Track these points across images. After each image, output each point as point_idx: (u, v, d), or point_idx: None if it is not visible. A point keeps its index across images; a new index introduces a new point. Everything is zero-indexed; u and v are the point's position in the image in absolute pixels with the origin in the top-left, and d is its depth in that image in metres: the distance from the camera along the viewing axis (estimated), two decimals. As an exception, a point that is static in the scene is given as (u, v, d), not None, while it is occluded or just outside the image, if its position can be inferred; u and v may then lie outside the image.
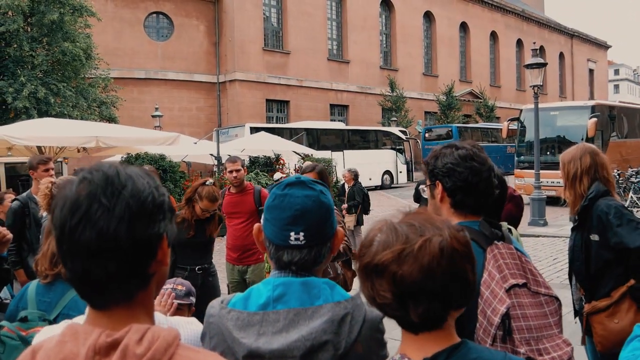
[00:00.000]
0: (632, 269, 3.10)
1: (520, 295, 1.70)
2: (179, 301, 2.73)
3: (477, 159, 1.87)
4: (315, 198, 1.49)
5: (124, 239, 0.97)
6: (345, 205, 10.87)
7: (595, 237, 3.24)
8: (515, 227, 3.41)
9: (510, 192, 3.35)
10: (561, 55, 58.84)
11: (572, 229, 3.47)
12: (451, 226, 1.22)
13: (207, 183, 4.41)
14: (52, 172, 5.28)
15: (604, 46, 68.59)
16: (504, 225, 2.41)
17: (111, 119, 20.53)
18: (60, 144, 10.56)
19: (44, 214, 4.09)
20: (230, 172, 5.69)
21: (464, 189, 1.86)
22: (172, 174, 12.89)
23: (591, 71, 65.58)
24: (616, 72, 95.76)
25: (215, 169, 16.45)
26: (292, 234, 1.45)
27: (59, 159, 14.65)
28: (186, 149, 16.11)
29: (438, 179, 1.91)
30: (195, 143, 16.56)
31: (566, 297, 3.91)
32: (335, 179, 18.22)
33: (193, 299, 2.91)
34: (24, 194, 5.32)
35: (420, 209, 1.26)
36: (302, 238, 1.46)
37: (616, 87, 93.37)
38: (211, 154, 16.02)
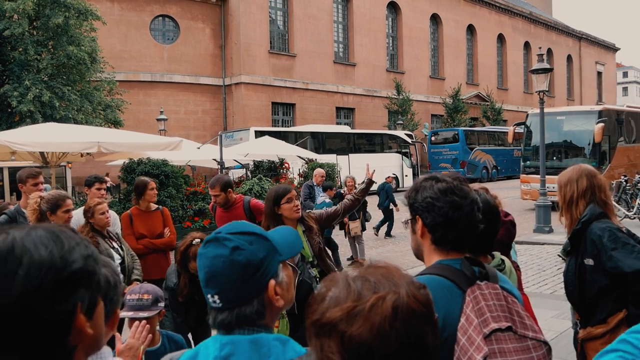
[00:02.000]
0: (632, 294, 2.99)
1: (503, 340, 1.58)
2: (146, 314, 2.71)
3: (458, 193, 1.76)
4: (225, 259, 1.38)
5: (21, 325, 0.87)
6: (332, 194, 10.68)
7: (589, 262, 3.12)
8: (506, 254, 3.30)
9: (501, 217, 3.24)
10: (569, 57, 58.50)
11: (567, 253, 3.36)
12: (411, 282, 1.10)
13: (194, 243, 4.21)
14: (42, 186, 5.23)
15: (612, 48, 68.20)
16: (497, 256, 2.33)
17: (116, 123, 20.54)
18: (62, 149, 10.52)
19: None
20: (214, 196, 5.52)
21: (445, 225, 1.75)
22: (174, 179, 12.84)
23: (599, 74, 65.18)
24: (625, 74, 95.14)
25: (219, 172, 16.40)
26: (209, 296, 1.39)
27: (62, 164, 14.67)
28: (190, 153, 16.05)
29: (418, 213, 1.81)
30: (199, 148, 16.50)
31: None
32: (340, 183, 18.13)
33: (162, 304, 2.89)
34: (12, 208, 5.24)
35: (379, 262, 1.16)
36: (217, 301, 1.38)
37: (625, 89, 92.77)
38: (214, 159, 15.95)
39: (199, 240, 4.34)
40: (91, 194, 5.44)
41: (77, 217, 4.87)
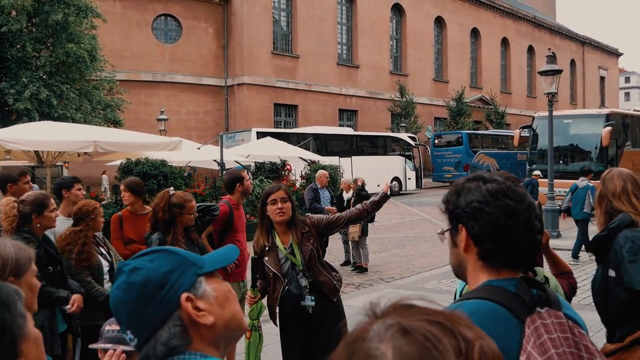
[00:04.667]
0: None
1: None
2: (128, 349, 2.33)
3: (513, 195, 1.40)
4: (123, 284, 1.19)
5: None
6: (333, 208, 10.28)
7: (612, 273, 2.88)
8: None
9: None
10: (572, 62, 58.26)
11: (596, 261, 3.11)
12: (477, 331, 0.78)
13: (171, 193, 4.03)
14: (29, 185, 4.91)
15: (615, 54, 68.00)
16: (540, 272, 1.98)
17: (116, 122, 20.26)
18: (57, 148, 10.23)
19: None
20: (248, 180, 5.49)
21: (496, 236, 1.40)
22: (173, 180, 12.54)
23: (602, 78, 64.96)
24: (627, 79, 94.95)
25: (220, 175, 16.12)
26: (126, 336, 1.20)
27: (58, 164, 14.37)
28: (190, 154, 15.76)
29: (461, 221, 1.45)
30: (199, 148, 16.21)
31: (591, 319, 3.50)
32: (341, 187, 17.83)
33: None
34: None
35: (412, 301, 0.82)
36: (132, 337, 1.19)
37: (627, 94, 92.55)
38: (215, 160, 15.65)
39: (172, 188, 4.15)
40: (72, 196, 5.03)
41: (59, 221, 4.54)
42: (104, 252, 4.39)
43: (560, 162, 19.11)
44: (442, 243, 1.58)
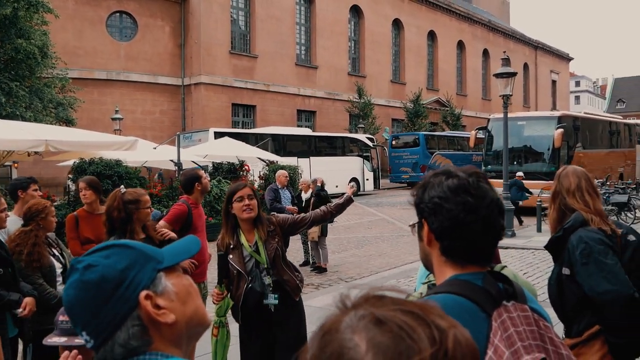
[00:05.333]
0: (604, 320, 2.77)
1: None
2: (82, 342, 2.22)
3: (474, 192, 1.40)
4: (77, 283, 1.12)
5: None
6: (294, 208, 10.27)
7: (566, 272, 2.91)
8: None
9: None
10: (525, 65, 59.62)
11: (554, 260, 3.14)
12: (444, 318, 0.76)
13: (123, 191, 3.96)
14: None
15: (566, 58, 69.90)
16: (498, 266, 1.97)
17: (68, 121, 19.73)
18: (6, 147, 9.89)
19: None
20: (205, 178, 5.43)
21: (453, 232, 1.40)
22: (128, 180, 12.28)
23: (554, 82, 66.68)
24: (577, 83, 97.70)
25: (176, 175, 15.87)
26: (82, 337, 1.13)
27: (6, 164, 13.92)
28: (146, 154, 15.48)
29: (424, 216, 1.45)
30: (155, 148, 15.93)
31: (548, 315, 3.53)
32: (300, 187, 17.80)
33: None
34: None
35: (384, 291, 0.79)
36: (88, 338, 1.12)
37: (577, 98, 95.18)
38: (171, 160, 15.41)
39: (123, 186, 4.10)
40: (28, 196, 4.88)
41: (14, 223, 4.37)
42: (56, 253, 4.24)
43: (515, 162, 19.47)
44: (414, 235, 1.57)
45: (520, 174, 17.32)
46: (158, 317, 1.11)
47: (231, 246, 3.82)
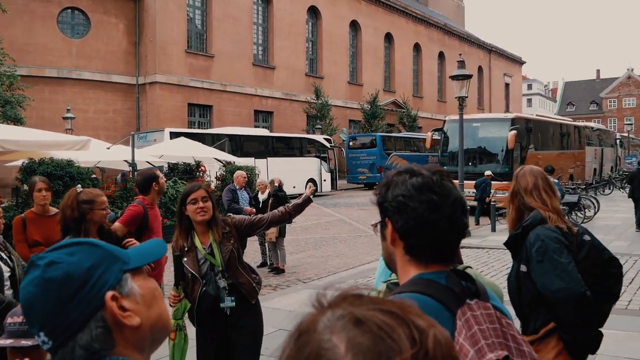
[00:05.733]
0: (556, 318, 2.81)
1: None
2: (30, 343, 2.11)
3: (438, 190, 1.39)
4: (38, 280, 1.05)
5: None
6: (251, 209, 10.20)
7: (523, 269, 2.95)
8: None
9: None
10: (480, 68, 60.75)
11: (513, 257, 3.17)
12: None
13: (79, 191, 3.86)
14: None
15: (519, 62, 71.56)
16: (462, 266, 1.97)
17: (17, 120, 19.15)
18: (-50, 146, 9.52)
19: None
20: (162, 179, 5.32)
21: (418, 230, 1.39)
22: (80, 181, 11.95)
23: (507, 85, 68.16)
24: (529, 86, 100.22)
25: (131, 175, 15.55)
26: (38, 338, 1.06)
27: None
28: (99, 154, 15.13)
29: (387, 215, 1.44)
30: (109, 148, 15.59)
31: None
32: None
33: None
34: None
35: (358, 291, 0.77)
36: (46, 339, 1.05)
37: (529, 100, 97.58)
38: (126, 160, 15.10)
39: (80, 185, 3.99)
40: None
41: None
42: (4, 256, 4.06)
43: (470, 163, 19.78)
44: (376, 235, 1.55)
45: (488, 172, 17.67)
46: (123, 320, 1.06)
47: (185, 249, 3.73)
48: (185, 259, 3.72)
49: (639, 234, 14.30)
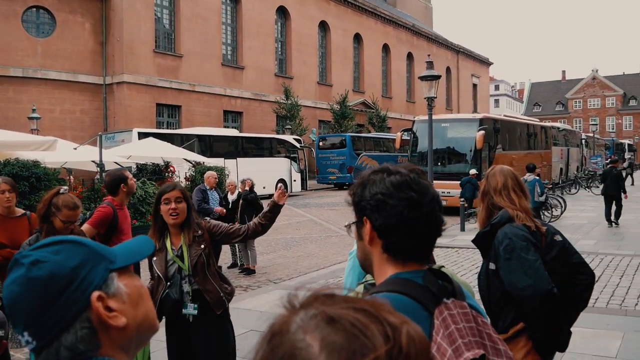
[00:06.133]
0: (526, 316, 2.85)
1: None
2: None
3: (416, 188, 1.41)
4: (22, 279, 1.03)
5: None
6: (222, 209, 10.16)
7: (492, 267, 2.98)
8: None
9: None
10: (448, 69, 61.41)
11: (483, 256, 3.20)
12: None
13: (61, 192, 3.80)
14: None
15: (486, 63, 72.55)
16: (437, 265, 1.99)
17: (-20, 120, 18.69)
18: None
19: None
20: (132, 179, 5.23)
21: (399, 228, 1.40)
22: (47, 182, 11.74)
23: (475, 86, 69.04)
24: (497, 87, 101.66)
25: (97, 176, 15.32)
26: (22, 337, 1.04)
27: None
28: (66, 154, 14.86)
29: (365, 214, 1.44)
30: (76, 149, 15.34)
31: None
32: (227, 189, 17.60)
33: (2, 332, 2.42)
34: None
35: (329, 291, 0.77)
36: (30, 339, 1.03)
37: (496, 101, 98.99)
38: (93, 161, 14.87)
39: (66, 188, 3.92)
40: None
41: None
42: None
43: (439, 163, 19.97)
44: (350, 236, 1.56)
45: (473, 171, 17.88)
46: (109, 321, 1.05)
47: (156, 248, 3.62)
48: (154, 259, 3.64)
49: (608, 231, 14.61)
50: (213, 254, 3.78)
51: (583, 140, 40.31)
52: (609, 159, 19.96)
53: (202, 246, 3.63)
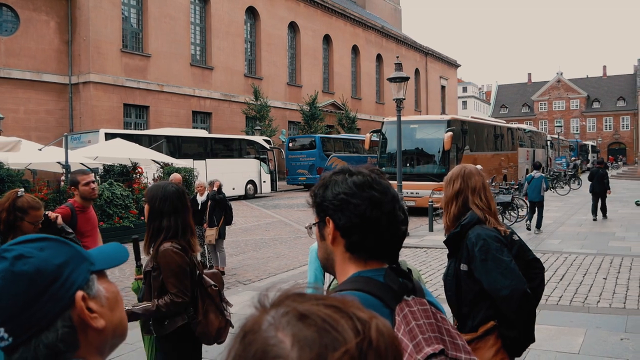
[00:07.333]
0: (501, 314, 2.90)
1: None
2: None
3: (378, 187, 1.45)
4: (5, 273, 1.01)
5: None
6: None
7: (464, 267, 3.00)
8: None
9: None
10: (417, 71, 61.97)
11: (448, 256, 3.22)
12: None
13: (19, 194, 3.72)
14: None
15: (454, 65, 73.42)
16: (404, 264, 2.02)
17: (-59, 120, 18.23)
18: None
19: None
20: (87, 183, 5.04)
21: (362, 227, 1.43)
22: (10, 184, 11.50)
23: (443, 87, 69.80)
24: (464, 89, 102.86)
25: (63, 177, 15.05)
26: None
27: None
28: (30, 155, 14.58)
29: (328, 214, 1.47)
30: (41, 149, 15.05)
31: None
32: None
33: None
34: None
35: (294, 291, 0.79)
36: (6, 335, 1.01)
37: (464, 103, 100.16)
38: (59, 162, 14.61)
39: (23, 190, 3.84)
40: None
41: None
42: None
43: (407, 164, 20.13)
44: (310, 237, 1.58)
45: None
46: (91, 321, 1.05)
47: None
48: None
49: (572, 230, 14.92)
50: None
51: (548, 142, 41.02)
52: (596, 161, 22.83)
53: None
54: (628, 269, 9.66)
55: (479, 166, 3.25)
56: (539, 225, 14.74)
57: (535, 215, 14.89)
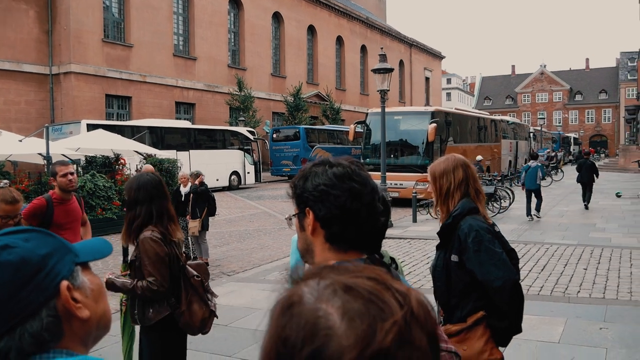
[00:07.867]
0: (492, 305, 2.91)
1: None
2: None
3: (357, 179, 1.47)
4: None
5: None
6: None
7: (455, 258, 2.99)
8: None
9: None
10: (401, 62, 62.00)
11: (437, 247, 3.22)
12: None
13: (1, 185, 3.69)
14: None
15: (438, 56, 73.53)
16: (387, 254, 2.02)
17: None
18: None
19: None
20: (65, 175, 4.99)
21: (342, 218, 1.45)
22: (-10, 175, 11.38)
23: (427, 79, 69.92)
24: (449, 81, 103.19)
25: (45, 169, 14.88)
26: None
27: None
28: (10, 147, 14.40)
29: (308, 205, 1.48)
30: (21, 141, 14.87)
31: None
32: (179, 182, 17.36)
33: None
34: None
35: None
36: None
37: (448, 94, 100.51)
38: (40, 154, 14.44)
39: (6, 182, 3.80)
40: None
41: None
42: None
43: (391, 156, 20.17)
44: (290, 228, 1.59)
45: None
46: (76, 311, 1.06)
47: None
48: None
49: (553, 221, 15.08)
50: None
51: (531, 134, 41.34)
52: (581, 152, 24.65)
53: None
54: (608, 260, 9.79)
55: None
56: (538, 209, 15.69)
57: (534, 203, 15.72)
